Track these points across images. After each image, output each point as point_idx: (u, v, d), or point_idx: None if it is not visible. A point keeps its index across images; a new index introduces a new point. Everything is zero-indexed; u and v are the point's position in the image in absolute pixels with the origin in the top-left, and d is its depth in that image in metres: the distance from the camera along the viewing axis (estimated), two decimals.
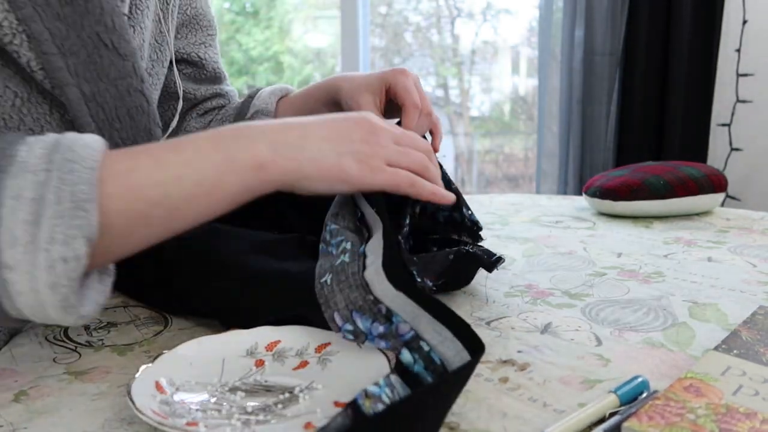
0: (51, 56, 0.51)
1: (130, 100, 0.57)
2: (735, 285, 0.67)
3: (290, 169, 0.48)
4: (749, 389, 0.41)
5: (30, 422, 0.41)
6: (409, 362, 0.44)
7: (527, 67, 2.74)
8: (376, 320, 0.46)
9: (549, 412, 0.42)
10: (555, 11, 2.16)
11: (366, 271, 0.49)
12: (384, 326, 0.46)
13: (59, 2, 0.51)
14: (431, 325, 0.44)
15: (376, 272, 0.48)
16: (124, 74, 0.56)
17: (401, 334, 0.45)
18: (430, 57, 2.84)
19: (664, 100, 2.06)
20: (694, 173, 1.02)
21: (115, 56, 0.55)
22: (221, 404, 0.41)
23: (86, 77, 0.53)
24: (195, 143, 0.47)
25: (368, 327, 0.46)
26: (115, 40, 0.55)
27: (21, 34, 0.49)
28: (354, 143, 0.51)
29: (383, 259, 0.49)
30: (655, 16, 2.02)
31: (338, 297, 0.48)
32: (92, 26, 0.53)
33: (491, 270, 0.63)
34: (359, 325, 0.47)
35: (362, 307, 0.47)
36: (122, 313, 0.61)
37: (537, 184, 2.30)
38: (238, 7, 3.11)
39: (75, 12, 0.52)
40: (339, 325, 0.47)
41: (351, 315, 0.47)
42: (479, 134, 2.89)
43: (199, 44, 0.81)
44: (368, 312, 0.47)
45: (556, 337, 0.54)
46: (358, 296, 0.48)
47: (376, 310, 0.47)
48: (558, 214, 1.06)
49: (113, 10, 0.54)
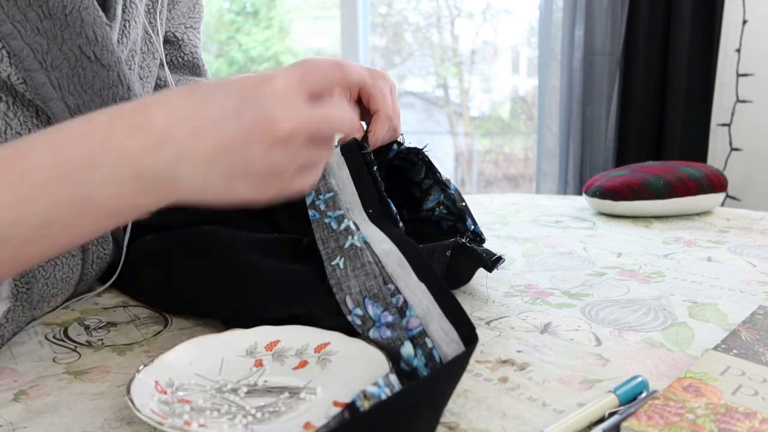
0: (33, 72, 0.50)
1: None
2: (735, 285, 0.67)
3: (160, 203, 0.39)
4: (748, 389, 0.41)
5: (30, 422, 0.41)
6: (410, 356, 0.44)
7: (527, 67, 2.74)
8: (387, 309, 0.47)
9: (548, 411, 0.42)
10: (555, 11, 2.16)
11: (385, 261, 0.50)
12: (393, 317, 0.47)
13: (38, 17, 0.50)
14: (441, 324, 0.45)
15: (399, 264, 0.49)
16: (109, 84, 0.56)
17: (410, 328, 0.46)
18: (430, 57, 2.85)
19: (664, 100, 2.06)
20: (694, 173, 1.02)
21: (98, 67, 0.54)
22: (221, 404, 0.41)
23: (70, 90, 0.53)
24: (35, 170, 0.36)
25: (378, 314, 0.47)
26: (98, 51, 0.54)
27: (1, 50, 0.48)
28: (249, 161, 0.37)
29: (403, 251, 0.50)
30: (655, 16, 2.02)
31: (352, 282, 0.49)
32: (73, 39, 0.52)
33: (491, 270, 0.63)
34: (369, 311, 0.48)
35: (376, 296, 0.48)
36: (122, 313, 0.61)
37: (537, 184, 2.30)
38: (238, 7, 3.11)
39: (55, 26, 0.51)
40: (350, 309, 0.48)
41: (363, 301, 0.48)
42: (479, 134, 2.89)
43: (179, 24, 0.78)
44: (381, 301, 0.48)
45: (556, 337, 0.54)
46: (374, 285, 0.48)
47: (390, 301, 0.47)
48: (558, 214, 1.06)
49: (94, 21, 0.54)
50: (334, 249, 0.51)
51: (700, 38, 1.98)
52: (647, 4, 2.02)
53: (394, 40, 2.85)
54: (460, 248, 0.60)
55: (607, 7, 2.06)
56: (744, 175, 1.94)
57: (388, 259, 0.50)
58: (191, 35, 0.80)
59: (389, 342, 0.46)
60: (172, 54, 0.79)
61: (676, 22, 2.00)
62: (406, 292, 0.48)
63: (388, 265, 0.49)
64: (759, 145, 1.92)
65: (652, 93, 2.07)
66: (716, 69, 1.96)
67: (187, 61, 0.80)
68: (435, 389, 0.38)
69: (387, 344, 0.46)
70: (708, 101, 2.00)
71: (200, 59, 0.82)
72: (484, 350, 0.51)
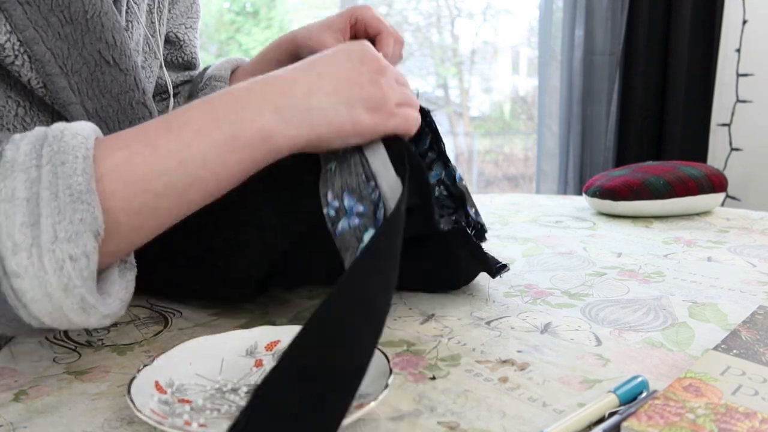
0: (54, 77, 0.50)
1: (132, 113, 0.57)
2: (735, 285, 0.67)
3: (300, 135, 0.46)
4: (749, 389, 0.41)
5: (30, 422, 0.41)
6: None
7: (527, 67, 2.74)
8: (362, 202, 0.49)
9: (548, 411, 0.42)
10: (555, 11, 2.17)
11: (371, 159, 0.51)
12: (365, 207, 0.49)
13: (60, 22, 0.50)
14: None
15: (384, 165, 0.50)
16: (126, 89, 0.56)
17: (379, 218, 0.48)
18: (430, 57, 2.84)
19: (664, 100, 2.07)
20: (694, 173, 1.02)
21: (116, 72, 0.55)
22: (221, 404, 0.41)
23: (89, 94, 0.53)
24: (192, 122, 0.43)
25: (351, 206, 0.50)
26: (117, 56, 0.55)
27: (23, 55, 0.49)
28: (363, 89, 0.48)
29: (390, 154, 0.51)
30: (655, 16, 2.02)
31: (337, 180, 0.51)
32: (93, 44, 0.53)
33: (494, 276, 0.63)
34: (345, 203, 0.50)
35: (354, 190, 0.50)
36: None
37: (537, 184, 2.30)
38: (238, 7, 3.11)
39: (76, 31, 0.51)
40: (328, 201, 0.50)
41: (342, 193, 0.50)
42: (479, 134, 2.89)
43: (180, 24, 0.78)
44: (357, 195, 0.50)
45: (556, 337, 0.54)
46: (355, 181, 0.50)
47: (366, 194, 0.50)
48: (558, 214, 1.06)
49: (114, 26, 0.54)
50: (333, 158, 0.52)
51: (700, 38, 1.98)
52: (647, 4, 2.02)
53: None
54: (462, 236, 0.59)
55: (607, 7, 2.06)
56: (744, 175, 1.94)
57: (373, 158, 0.51)
58: (191, 35, 0.80)
59: (355, 230, 0.48)
60: (173, 54, 0.79)
61: (676, 22, 2.00)
62: (384, 188, 0.49)
63: (373, 163, 0.51)
64: (759, 145, 1.92)
65: (652, 93, 2.07)
66: (716, 69, 1.96)
67: (187, 60, 0.81)
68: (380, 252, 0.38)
69: (352, 233, 0.48)
70: (708, 101, 2.00)
71: (197, 58, 0.83)
72: (484, 350, 0.51)
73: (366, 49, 0.50)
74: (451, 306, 0.61)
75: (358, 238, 0.49)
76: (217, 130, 0.43)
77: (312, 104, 0.46)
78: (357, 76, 0.48)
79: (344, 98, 0.47)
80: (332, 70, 0.48)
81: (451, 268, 0.62)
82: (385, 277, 0.38)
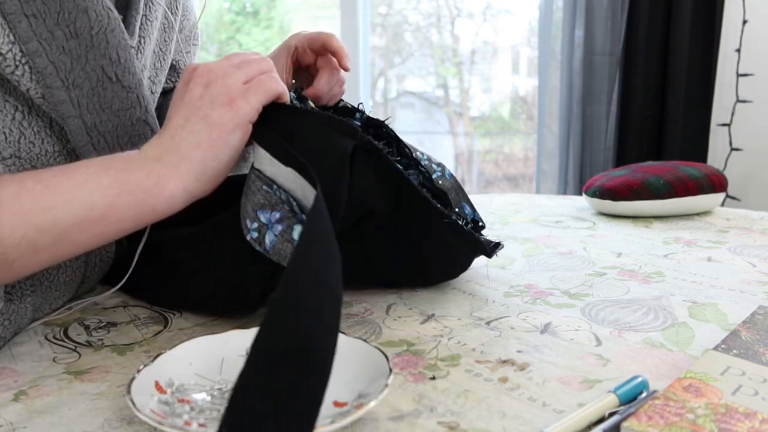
0: (55, 89, 0.51)
1: (132, 129, 0.57)
2: (735, 285, 0.67)
3: (183, 170, 0.49)
4: (749, 389, 0.41)
5: (29, 422, 0.41)
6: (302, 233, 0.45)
7: (527, 67, 2.74)
8: (275, 209, 0.50)
9: (548, 411, 0.42)
10: (555, 11, 2.16)
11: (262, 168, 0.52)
12: (281, 212, 0.50)
13: (65, 36, 0.50)
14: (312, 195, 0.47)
15: (271, 163, 0.51)
16: (128, 105, 0.56)
17: (297, 212, 0.50)
18: (430, 57, 2.84)
19: (664, 100, 2.06)
20: (694, 173, 1.02)
21: (119, 89, 0.55)
22: (221, 404, 0.41)
23: (89, 108, 0.53)
24: (85, 167, 0.46)
25: (268, 218, 0.50)
26: (120, 73, 0.55)
27: (24, 65, 0.49)
28: (203, 99, 0.50)
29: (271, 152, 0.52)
30: (655, 16, 2.02)
31: (248, 207, 0.51)
32: (97, 60, 0.53)
33: (491, 255, 0.62)
34: (261, 219, 0.50)
35: (264, 204, 0.51)
36: (122, 313, 0.61)
37: (537, 184, 2.30)
38: (238, 7, 3.11)
39: (80, 46, 0.52)
40: (248, 227, 0.51)
41: (256, 214, 0.51)
42: (479, 134, 2.88)
43: (186, 53, 0.82)
44: (269, 206, 0.51)
45: (556, 337, 0.54)
46: (261, 196, 0.51)
47: (276, 200, 0.50)
48: (558, 214, 1.06)
49: (119, 44, 0.55)
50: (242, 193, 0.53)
51: (700, 38, 1.98)
52: (647, 4, 2.02)
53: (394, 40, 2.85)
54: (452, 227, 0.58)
55: (607, 7, 2.06)
56: (744, 175, 1.94)
57: (261, 164, 0.52)
58: (188, 59, 0.83)
59: (282, 234, 0.49)
60: (175, 81, 0.82)
61: (676, 22, 2.00)
62: (285, 183, 0.50)
63: (266, 169, 0.51)
64: (759, 145, 1.92)
65: (652, 93, 2.07)
66: (716, 69, 1.96)
67: None
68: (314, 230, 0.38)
69: (282, 238, 0.49)
70: (708, 101, 2.00)
71: None
72: (484, 350, 0.51)
73: (187, 71, 0.52)
74: (451, 306, 0.61)
75: (288, 240, 0.50)
76: (106, 174, 0.46)
77: (177, 143, 0.49)
78: (190, 95, 0.51)
79: (193, 117, 0.50)
80: (175, 104, 0.51)
81: (446, 259, 0.62)
82: (326, 248, 0.38)
